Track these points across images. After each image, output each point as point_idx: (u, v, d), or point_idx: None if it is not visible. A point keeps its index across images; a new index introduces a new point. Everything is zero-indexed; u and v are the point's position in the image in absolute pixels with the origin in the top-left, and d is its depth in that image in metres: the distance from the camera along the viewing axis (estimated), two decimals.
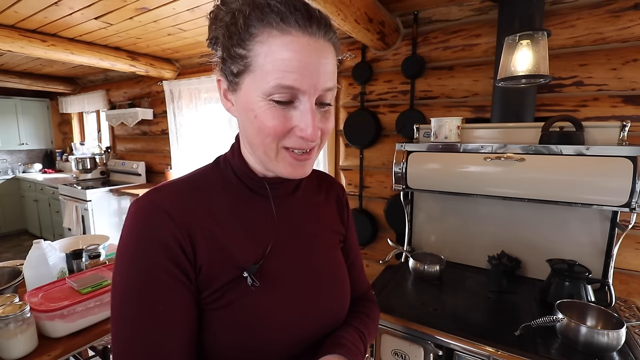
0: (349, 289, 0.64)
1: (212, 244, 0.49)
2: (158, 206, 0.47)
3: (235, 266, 0.50)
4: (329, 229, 0.66)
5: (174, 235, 0.46)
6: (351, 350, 0.55)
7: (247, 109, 0.48)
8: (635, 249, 1.51)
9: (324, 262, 0.61)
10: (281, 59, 0.44)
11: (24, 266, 1.18)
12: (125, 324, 0.45)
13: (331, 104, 0.51)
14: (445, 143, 1.38)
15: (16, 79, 3.78)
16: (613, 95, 1.51)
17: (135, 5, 1.86)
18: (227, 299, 0.49)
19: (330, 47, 0.48)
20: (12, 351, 0.89)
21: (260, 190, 0.56)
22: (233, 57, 0.47)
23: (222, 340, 0.49)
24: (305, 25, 0.44)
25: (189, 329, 0.47)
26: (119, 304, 0.46)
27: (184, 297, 0.47)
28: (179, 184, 0.53)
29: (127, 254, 0.46)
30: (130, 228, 0.47)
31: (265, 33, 0.44)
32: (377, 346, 1.20)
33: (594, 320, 1.06)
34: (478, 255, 1.55)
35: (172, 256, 0.46)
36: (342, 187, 0.73)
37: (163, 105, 3.40)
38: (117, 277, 0.46)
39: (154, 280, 0.45)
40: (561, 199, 1.17)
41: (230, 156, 0.58)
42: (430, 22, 1.90)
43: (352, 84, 2.24)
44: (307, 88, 0.45)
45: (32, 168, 4.77)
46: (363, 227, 2.27)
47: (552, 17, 1.59)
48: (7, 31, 2.19)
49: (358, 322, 0.63)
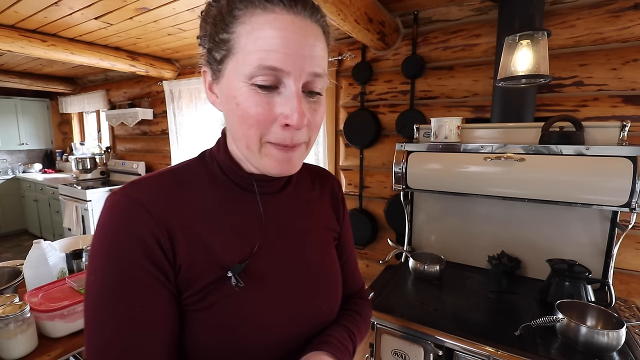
0: (340, 288, 0.62)
1: (194, 242, 0.46)
2: (135, 201, 0.44)
3: (219, 266, 0.47)
4: (323, 226, 0.63)
5: (152, 232, 0.43)
6: (339, 348, 0.53)
7: (229, 96, 0.45)
8: (635, 249, 1.51)
9: (315, 260, 0.59)
10: (263, 37, 0.41)
11: (24, 266, 1.18)
12: (100, 327, 0.42)
13: (322, 94, 0.47)
14: (445, 143, 1.38)
15: (16, 79, 3.78)
16: (613, 95, 1.51)
17: (135, 5, 1.86)
18: (209, 300, 0.46)
19: (317, 30, 0.45)
20: (12, 351, 0.89)
21: (248, 187, 0.53)
22: (217, 44, 0.45)
23: (204, 342, 0.46)
24: (290, 4, 0.42)
25: (169, 330, 0.45)
26: (94, 305, 0.43)
27: (163, 297, 0.44)
28: (159, 177, 0.49)
29: (101, 251, 0.43)
30: (105, 224, 0.44)
31: (248, 13, 0.42)
32: (377, 346, 1.20)
33: (594, 320, 1.06)
34: (478, 255, 1.55)
35: (149, 254, 0.43)
36: (337, 182, 0.70)
37: (163, 105, 3.40)
38: (91, 277, 0.43)
39: (130, 279, 0.42)
40: (561, 199, 1.17)
41: (215, 151, 0.55)
42: (430, 22, 1.90)
43: (352, 84, 2.24)
44: (291, 69, 0.42)
45: (32, 168, 4.77)
46: (363, 227, 2.27)
47: (552, 17, 1.59)
48: (7, 31, 2.19)
49: (348, 321, 0.61)
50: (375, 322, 1.19)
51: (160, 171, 0.51)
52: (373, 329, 1.20)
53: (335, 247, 0.66)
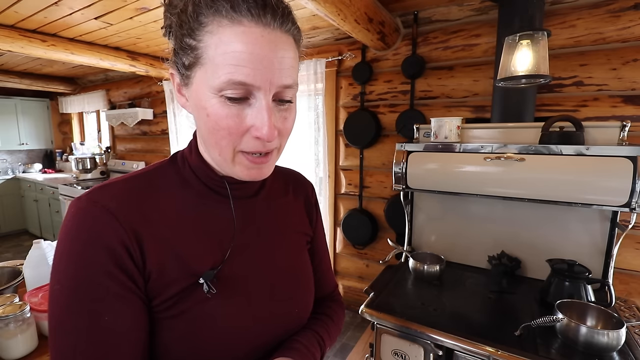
0: (312, 292, 0.62)
1: (164, 249, 0.45)
2: (101, 207, 0.42)
3: (190, 273, 0.46)
4: (296, 229, 0.63)
5: (120, 239, 0.42)
6: (304, 354, 0.53)
7: (199, 106, 0.44)
8: (635, 249, 1.51)
9: (288, 265, 0.58)
10: (232, 51, 0.40)
11: (24, 266, 1.18)
12: (67, 338, 0.40)
13: (292, 102, 0.47)
14: (445, 143, 1.38)
15: (16, 79, 3.79)
16: (613, 95, 1.51)
17: (135, 5, 1.86)
18: (179, 308, 0.45)
19: (288, 39, 0.44)
20: (12, 351, 0.89)
21: (220, 190, 0.52)
22: (184, 48, 0.43)
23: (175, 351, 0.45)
24: (259, 15, 0.40)
25: (140, 340, 0.43)
26: (60, 316, 0.41)
27: (132, 306, 0.43)
28: (127, 181, 0.48)
29: (67, 259, 0.41)
30: (69, 231, 0.42)
31: (215, 22, 0.40)
32: (377, 346, 1.20)
33: (594, 320, 1.06)
34: (478, 255, 1.55)
35: (118, 261, 0.41)
36: (311, 187, 0.70)
37: (163, 105, 3.40)
38: (56, 286, 0.41)
39: (99, 288, 0.41)
40: (561, 199, 1.17)
41: (187, 153, 0.53)
42: (430, 22, 1.90)
43: (352, 84, 2.24)
44: (261, 84, 0.41)
45: (32, 168, 4.77)
46: (363, 227, 2.27)
47: (552, 17, 1.59)
48: (7, 31, 2.19)
49: (318, 326, 0.61)
50: (375, 322, 1.19)
51: (129, 174, 0.50)
52: (373, 329, 1.20)
53: (308, 251, 0.66)
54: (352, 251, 2.44)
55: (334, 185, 2.43)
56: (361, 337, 2.14)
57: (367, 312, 1.19)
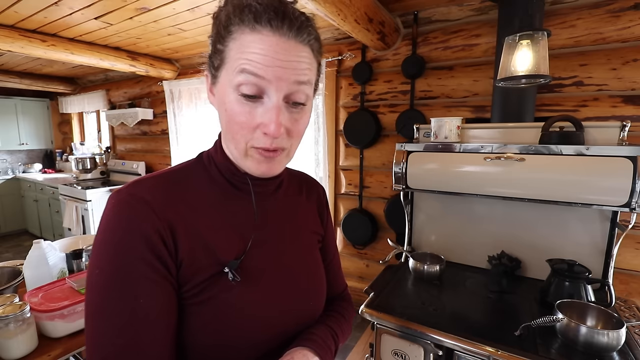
0: (325, 287, 0.65)
1: (194, 239, 0.49)
2: (139, 198, 0.46)
3: (217, 262, 0.50)
4: (309, 229, 0.66)
5: (156, 228, 0.46)
6: (321, 346, 0.56)
7: (221, 101, 0.49)
8: (635, 249, 1.51)
9: (303, 260, 0.62)
10: (249, 51, 0.45)
11: (24, 266, 1.18)
12: (103, 319, 0.44)
13: (305, 104, 0.50)
14: (445, 143, 1.38)
15: (16, 79, 3.79)
16: (613, 95, 1.51)
17: (135, 5, 1.86)
18: (206, 295, 0.48)
19: (303, 48, 0.47)
20: (12, 351, 0.89)
21: (243, 187, 0.56)
22: (215, 53, 0.49)
23: (200, 335, 0.48)
24: (278, 26, 0.45)
25: (170, 323, 0.47)
26: (97, 298, 0.44)
27: (165, 290, 0.46)
28: (160, 177, 0.52)
29: (107, 246, 0.45)
30: (109, 220, 0.45)
31: (239, 31, 0.46)
32: (377, 346, 1.20)
33: (594, 320, 1.06)
34: (478, 255, 1.55)
35: (153, 249, 0.45)
36: (322, 189, 0.74)
37: (163, 105, 3.41)
38: (95, 271, 0.45)
39: (135, 273, 0.44)
40: (561, 199, 1.17)
41: (213, 152, 0.58)
42: (430, 22, 1.90)
43: (352, 84, 2.24)
44: (272, 78, 0.45)
45: (32, 168, 4.77)
46: (363, 227, 2.27)
47: (552, 17, 1.59)
48: (7, 31, 2.19)
49: (332, 321, 0.64)
50: (375, 322, 1.19)
51: (160, 172, 0.54)
52: (373, 329, 1.20)
53: (319, 250, 0.68)
54: (352, 251, 2.44)
55: (334, 185, 2.43)
56: (361, 337, 2.14)
57: (367, 312, 1.19)
